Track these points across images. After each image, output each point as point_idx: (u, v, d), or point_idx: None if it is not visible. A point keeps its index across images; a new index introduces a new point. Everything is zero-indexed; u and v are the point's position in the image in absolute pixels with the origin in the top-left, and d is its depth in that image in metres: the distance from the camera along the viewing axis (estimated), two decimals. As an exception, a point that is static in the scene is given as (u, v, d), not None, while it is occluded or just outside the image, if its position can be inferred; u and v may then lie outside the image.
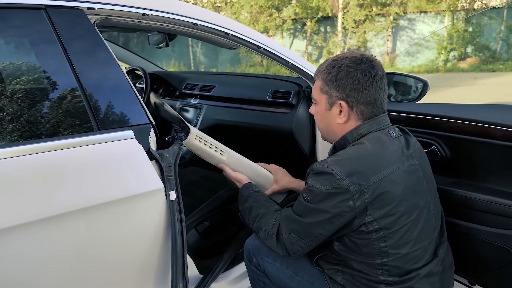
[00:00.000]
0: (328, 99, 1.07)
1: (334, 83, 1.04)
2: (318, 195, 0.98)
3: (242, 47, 1.45)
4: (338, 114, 1.07)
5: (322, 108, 1.10)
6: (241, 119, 1.89)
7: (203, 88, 2.15)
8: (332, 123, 1.09)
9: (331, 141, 1.15)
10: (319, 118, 1.14)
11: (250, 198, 1.26)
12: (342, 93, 1.04)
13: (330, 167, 0.96)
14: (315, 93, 1.12)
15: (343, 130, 1.08)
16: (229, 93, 2.01)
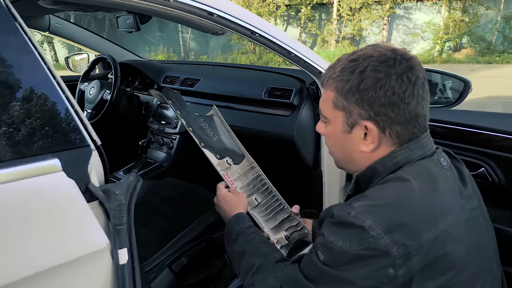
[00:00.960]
0: (347, 118, 0.73)
1: (356, 95, 0.70)
2: (340, 257, 0.65)
3: (232, 33, 1.10)
4: (362, 138, 0.73)
5: (337, 129, 0.76)
6: (230, 122, 1.53)
7: (185, 82, 1.79)
8: (353, 150, 0.75)
9: (350, 172, 0.82)
10: (333, 142, 0.80)
11: (242, 236, 0.94)
12: (369, 110, 0.70)
13: (360, 217, 0.63)
14: (324, 108, 0.77)
15: (369, 159, 0.75)
16: (215, 88, 1.66)
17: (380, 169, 0.73)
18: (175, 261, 1.16)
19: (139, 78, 2.09)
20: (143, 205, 1.47)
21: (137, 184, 0.73)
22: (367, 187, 0.76)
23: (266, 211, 1.17)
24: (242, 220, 0.99)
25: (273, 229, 1.17)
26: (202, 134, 1.16)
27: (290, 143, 1.36)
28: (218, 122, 1.21)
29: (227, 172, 1.15)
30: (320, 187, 1.46)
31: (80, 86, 1.96)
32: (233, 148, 1.19)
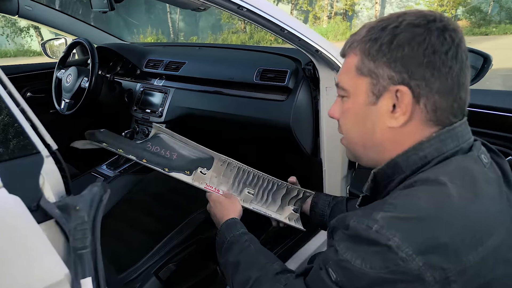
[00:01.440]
0: (373, 85, 0.60)
1: (387, 55, 0.57)
2: (359, 279, 0.52)
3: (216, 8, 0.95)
4: (390, 111, 0.59)
5: (359, 102, 0.62)
6: (220, 109, 1.41)
7: (169, 66, 1.64)
8: (378, 128, 0.61)
9: (366, 164, 0.68)
10: (352, 120, 0.65)
11: (235, 246, 0.83)
12: (402, 72, 0.57)
13: (384, 233, 0.50)
14: (344, 79, 0.64)
15: (396, 140, 0.61)
16: (202, 72, 1.51)
17: (403, 165, 0.60)
18: (162, 267, 1.05)
19: (120, 63, 1.94)
20: (128, 202, 1.35)
21: (104, 196, 0.61)
22: (386, 187, 0.63)
23: (264, 197, 1.09)
24: (235, 227, 0.88)
25: (279, 210, 1.10)
26: (159, 159, 1.03)
27: (286, 130, 1.23)
28: (167, 138, 1.07)
29: (206, 183, 1.04)
30: (320, 176, 1.34)
31: (57, 73, 1.81)
32: (198, 156, 1.07)
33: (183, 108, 1.52)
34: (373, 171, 0.65)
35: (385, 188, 0.64)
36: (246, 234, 0.86)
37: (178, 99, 1.55)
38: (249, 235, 0.86)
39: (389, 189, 0.62)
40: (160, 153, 1.04)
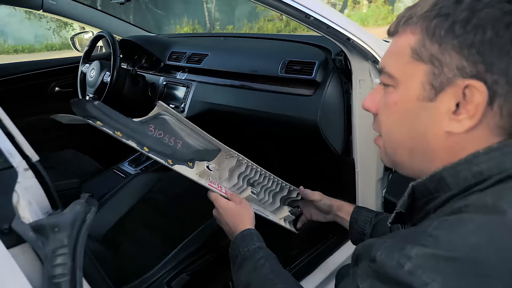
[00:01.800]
0: (434, 76, 0.46)
1: (460, 37, 0.44)
2: None
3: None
4: (451, 111, 0.46)
5: (410, 95, 0.49)
6: (241, 104, 1.31)
7: (191, 58, 1.56)
8: (431, 131, 0.48)
9: (408, 173, 0.56)
10: (397, 116, 0.52)
11: (248, 262, 0.74)
12: (478, 62, 0.43)
13: (419, 275, 0.38)
14: (393, 63, 0.51)
15: (451, 154, 0.48)
16: (224, 65, 1.42)
17: (450, 181, 0.47)
18: (175, 277, 0.98)
19: (145, 56, 1.88)
20: (147, 202, 1.30)
21: (88, 215, 0.53)
22: (426, 205, 0.50)
23: (265, 198, 1.01)
24: (250, 239, 0.78)
25: (276, 210, 1.04)
26: (163, 148, 0.86)
27: (313, 128, 1.11)
28: (173, 121, 0.90)
29: (210, 178, 0.92)
30: (352, 178, 1.22)
31: (82, 68, 1.78)
32: (205, 146, 0.92)
33: (205, 103, 1.43)
34: (411, 184, 0.52)
35: (424, 207, 0.51)
36: (261, 249, 0.76)
37: (199, 93, 1.47)
38: (265, 250, 0.76)
39: (429, 208, 0.49)
40: (164, 140, 0.88)
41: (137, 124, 0.85)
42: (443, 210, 0.46)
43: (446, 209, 0.45)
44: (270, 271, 0.71)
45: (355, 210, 0.95)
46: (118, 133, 0.81)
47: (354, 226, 0.93)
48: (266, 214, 0.99)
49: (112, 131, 0.79)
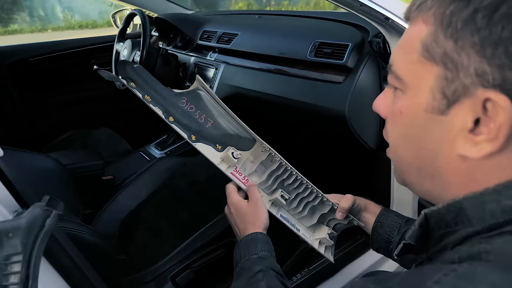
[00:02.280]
0: (446, 81, 0.35)
1: (484, 31, 0.32)
2: None
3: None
4: (468, 129, 0.34)
5: (419, 104, 0.38)
6: (267, 89, 1.21)
7: (221, 38, 1.48)
8: (443, 151, 0.37)
9: (420, 195, 0.45)
10: (403, 130, 0.41)
11: (244, 274, 0.66)
12: (506, 65, 0.31)
13: None
14: (401, 61, 0.40)
15: (467, 181, 0.37)
16: (252, 45, 1.32)
17: (472, 214, 0.36)
18: (181, 272, 0.93)
19: (180, 34, 1.83)
20: (168, 188, 1.27)
21: (48, 220, 0.48)
22: (442, 239, 0.40)
23: (299, 207, 0.86)
24: (254, 246, 0.69)
25: (311, 228, 0.87)
26: (189, 122, 0.81)
27: (341, 120, 0.99)
28: (208, 99, 0.83)
29: (236, 168, 0.82)
30: (387, 176, 1.09)
31: (117, 47, 1.77)
32: (237, 132, 0.83)
33: (231, 87, 1.35)
34: (424, 212, 0.41)
35: (441, 240, 0.40)
36: (263, 260, 0.67)
37: (226, 75, 1.39)
38: (267, 262, 0.67)
39: (447, 242, 0.39)
40: (194, 115, 0.82)
41: (170, 94, 0.81)
42: (461, 250, 0.34)
43: (464, 249, 0.34)
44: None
45: (382, 213, 0.82)
46: (147, 97, 0.79)
47: (379, 231, 0.80)
48: (297, 228, 0.85)
49: (142, 95, 0.77)
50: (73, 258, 0.59)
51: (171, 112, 0.78)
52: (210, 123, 0.82)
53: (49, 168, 1.10)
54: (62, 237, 0.60)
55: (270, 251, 0.70)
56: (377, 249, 0.83)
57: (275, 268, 0.66)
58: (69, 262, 0.58)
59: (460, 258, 0.33)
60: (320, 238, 0.85)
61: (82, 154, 1.41)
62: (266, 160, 0.84)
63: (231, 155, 0.80)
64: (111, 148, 1.59)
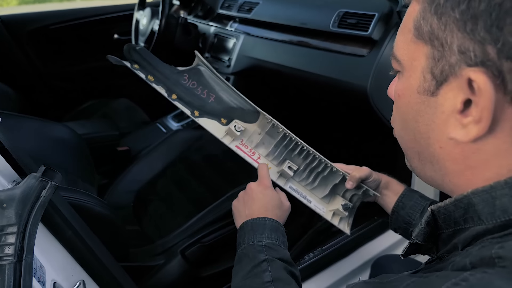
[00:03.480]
0: (434, 60, 0.32)
1: (462, 5, 0.29)
2: None
3: None
4: (457, 110, 0.31)
5: (413, 85, 0.35)
6: (287, 62, 1.15)
7: (242, 8, 1.41)
8: (434, 134, 0.35)
9: (427, 182, 0.41)
10: (402, 111, 0.39)
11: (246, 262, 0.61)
12: (487, 40, 0.28)
13: None
14: (399, 42, 0.37)
15: (464, 168, 0.33)
16: (273, 15, 1.25)
17: (482, 210, 0.32)
18: (191, 246, 0.93)
19: (201, 3, 1.77)
20: (183, 161, 1.26)
21: (45, 191, 0.46)
22: (452, 238, 0.36)
23: (309, 178, 0.83)
24: (261, 232, 0.64)
25: (325, 199, 0.84)
26: (192, 98, 0.81)
27: (362, 96, 0.94)
28: (209, 74, 0.83)
29: (242, 140, 0.81)
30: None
31: (136, 15, 1.74)
32: (239, 105, 0.82)
33: (250, 59, 1.30)
34: (431, 209, 0.38)
35: (451, 239, 0.37)
36: (269, 249, 0.61)
37: (246, 47, 1.33)
38: (273, 251, 0.61)
39: (457, 241, 0.35)
40: (196, 91, 0.83)
41: (172, 72, 0.83)
42: (471, 253, 0.31)
43: (475, 252, 0.30)
44: (270, 281, 0.56)
45: (405, 192, 0.76)
46: (150, 77, 0.81)
47: (400, 212, 0.75)
48: (308, 199, 0.81)
49: (145, 75, 0.80)
50: (76, 229, 0.58)
51: (174, 90, 0.80)
52: (213, 98, 0.81)
53: (65, 138, 1.10)
54: (66, 208, 0.59)
55: (279, 239, 0.65)
56: (395, 229, 0.79)
57: (284, 257, 0.62)
58: (72, 234, 0.58)
59: (471, 263, 0.29)
60: (334, 209, 0.82)
61: (99, 124, 1.41)
62: (273, 131, 0.82)
63: (234, 129, 0.79)
64: (128, 118, 1.59)
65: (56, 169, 0.49)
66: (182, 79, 0.82)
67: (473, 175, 0.33)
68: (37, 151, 0.94)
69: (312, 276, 0.98)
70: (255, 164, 0.80)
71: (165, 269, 0.89)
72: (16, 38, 1.70)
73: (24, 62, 1.72)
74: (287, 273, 0.59)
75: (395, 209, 0.76)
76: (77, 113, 1.71)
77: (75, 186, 0.90)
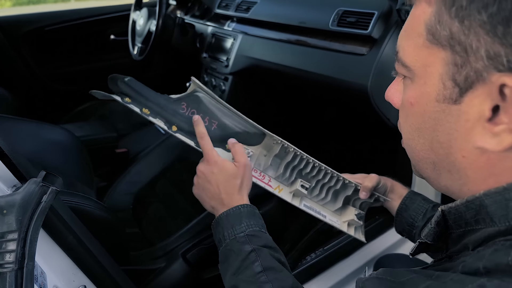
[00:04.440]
0: (457, 66, 0.30)
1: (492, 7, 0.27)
2: None
3: None
4: (486, 118, 0.30)
5: (429, 93, 0.34)
6: (286, 62, 1.15)
7: (240, 7, 1.41)
8: (458, 143, 0.33)
9: (440, 190, 0.40)
10: (415, 121, 0.37)
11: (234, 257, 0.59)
12: None
13: None
14: (406, 46, 0.35)
15: (488, 176, 0.33)
16: (272, 14, 1.24)
17: (494, 212, 0.32)
18: (192, 249, 0.92)
19: (198, 3, 1.76)
20: (182, 162, 1.25)
21: (45, 196, 0.45)
22: (462, 238, 0.36)
23: (322, 194, 0.81)
24: (239, 222, 0.61)
25: (338, 211, 0.83)
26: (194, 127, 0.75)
27: (363, 96, 0.93)
28: (208, 100, 0.77)
29: (252, 165, 0.77)
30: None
31: (133, 15, 1.72)
32: (244, 129, 0.78)
33: (248, 58, 1.29)
34: (441, 209, 0.37)
35: (461, 239, 0.36)
36: (253, 237, 0.59)
37: (245, 46, 1.33)
38: (257, 239, 0.59)
39: (467, 242, 0.35)
40: None
41: (168, 101, 0.75)
42: (484, 256, 0.30)
43: (488, 255, 0.30)
44: (261, 270, 0.55)
45: (408, 195, 0.78)
46: (146, 110, 0.74)
47: (403, 214, 0.76)
48: (322, 214, 0.81)
49: (139, 109, 0.73)
50: (77, 234, 0.57)
51: (173, 121, 0.74)
52: (215, 125, 0.76)
53: (63, 140, 1.08)
54: (66, 212, 0.58)
55: (258, 223, 0.63)
56: (400, 232, 0.80)
57: (267, 243, 0.60)
58: (73, 239, 0.57)
59: (485, 268, 0.29)
60: (348, 220, 0.82)
61: (97, 126, 1.40)
62: (280, 152, 0.78)
63: None
64: (126, 120, 1.57)
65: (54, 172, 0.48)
66: (180, 108, 0.76)
67: (496, 182, 0.32)
68: (35, 154, 0.93)
69: (315, 276, 0.97)
70: (270, 189, 0.77)
71: (167, 272, 0.88)
72: (11, 40, 1.68)
73: (19, 64, 1.71)
74: (276, 259, 0.58)
75: (399, 212, 0.77)
76: (75, 115, 1.69)
77: (74, 189, 0.89)
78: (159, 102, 0.74)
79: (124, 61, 1.90)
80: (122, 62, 1.92)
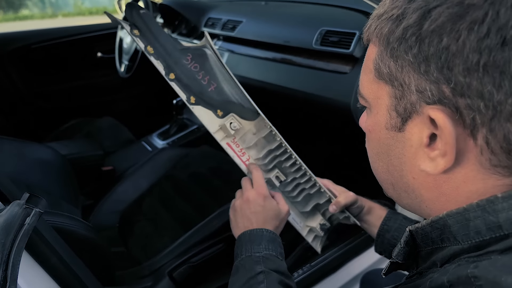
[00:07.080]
0: (397, 99, 0.34)
1: (414, 48, 0.31)
2: None
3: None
4: (424, 144, 0.33)
5: (381, 122, 0.38)
6: (271, 79, 1.17)
7: (226, 25, 1.43)
8: (406, 167, 0.37)
9: (406, 208, 0.42)
10: (374, 146, 0.41)
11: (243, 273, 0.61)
12: (440, 80, 0.30)
13: None
14: (363, 81, 0.39)
15: (438, 196, 0.35)
16: (257, 33, 1.27)
17: (457, 232, 0.34)
18: (178, 267, 0.91)
19: (184, 21, 1.79)
20: (169, 179, 1.25)
21: (29, 219, 0.45)
22: (430, 255, 0.38)
23: (294, 192, 0.81)
24: (258, 243, 0.64)
25: (304, 214, 0.83)
26: (191, 82, 0.73)
27: (346, 113, 0.95)
28: (214, 60, 0.75)
29: (234, 138, 0.76)
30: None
31: (120, 33, 1.74)
32: (240, 101, 0.76)
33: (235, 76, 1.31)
34: (409, 229, 0.40)
35: (430, 256, 0.38)
36: (267, 260, 0.62)
37: (230, 65, 1.35)
38: (270, 262, 0.62)
39: (435, 259, 0.37)
40: (197, 75, 0.74)
41: (175, 48, 0.73)
42: (449, 271, 0.32)
43: (452, 270, 0.31)
44: None
45: (389, 215, 0.78)
46: (150, 49, 0.72)
47: (386, 236, 0.76)
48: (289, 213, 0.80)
49: (144, 45, 0.71)
50: (61, 255, 0.57)
51: (173, 69, 0.72)
52: (213, 87, 0.75)
53: (48, 159, 1.08)
54: (50, 233, 0.58)
55: (276, 250, 0.65)
56: (380, 252, 0.80)
57: (280, 268, 0.62)
58: (57, 260, 0.56)
59: (449, 282, 0.30)
60: (311, 227, 0.82)
61: (82, 144, 1.39)
62: (268, 136, 0.78)
63: (229, 126, 0.75)
64: (113, 137, 1.57)
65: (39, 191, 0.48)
66: (185, 58, 0.73)
67: (447, 200, 0.35)
68: (19, 174, 0.92)
69: (302, 293, 0.97)
70: (242, 166, 0.77)
71: (153, 292, 0.87)
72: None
73: (5, 82, 1.70)
74: (283, 286, 0.59)
75: (380, 233, 0.77)
76: (60, 133, 1.68)
77: (58, 209, 0.88)
78: (165, 44, 0.72)
79: (111, 78, 1.91)
80: (109, 80, 1.93)
